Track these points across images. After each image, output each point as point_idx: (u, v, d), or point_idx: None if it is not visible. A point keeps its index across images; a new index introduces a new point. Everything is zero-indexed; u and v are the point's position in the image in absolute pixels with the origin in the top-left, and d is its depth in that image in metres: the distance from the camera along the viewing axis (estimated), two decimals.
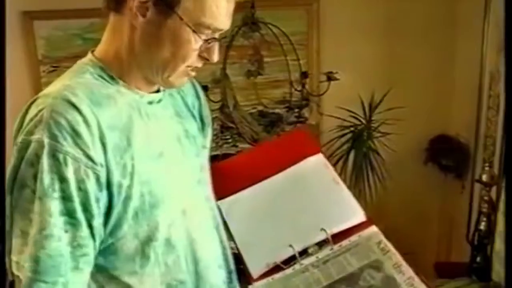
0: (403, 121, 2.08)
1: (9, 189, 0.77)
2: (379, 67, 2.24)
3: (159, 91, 0.93)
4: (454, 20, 2.24)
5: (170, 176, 0.88)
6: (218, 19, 0.82)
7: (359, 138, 2.10)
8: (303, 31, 2.25)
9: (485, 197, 1.87)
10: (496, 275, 1.79)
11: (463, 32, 2.22)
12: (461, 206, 2.28)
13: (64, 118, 0.75)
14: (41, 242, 0.74)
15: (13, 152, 0.78)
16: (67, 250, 0.76)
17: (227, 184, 1.10)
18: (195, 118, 1.02)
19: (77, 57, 0.90)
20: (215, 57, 0.86)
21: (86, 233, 0.78)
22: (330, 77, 1.90)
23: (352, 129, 2.12)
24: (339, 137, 2.10)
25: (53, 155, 0.74)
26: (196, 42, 0.82)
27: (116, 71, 0.86)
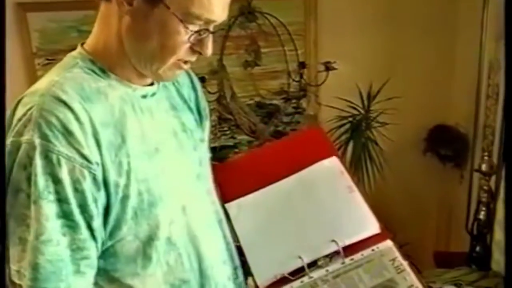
0: (402, 111, 2.07)
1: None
2: (377, 56, 2.22)
3: (153, 83, 0.89)
4: (453, 9, 2.22)
5: (168, 172, 0.85)
6: (209, 9, 0.77)
7: (358, 128, 2.09)
8: (300, 21, 2.23)
9: (484, 187, 1.87)
10: (495, 264, 1.79)
11: (462, 21, 2.20)
12: (460, 196, 2.28)
13: (54, 116, 0.72)
14: (39, 248, 0.72)
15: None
16: (66, 253, 0.73)
17: (234, 185, 1.06)
18: (191, 110, 0.99)
19: (72, 50, 0.87)
20: (208, 51, 0.81)
21: (85, 235, 0.75)
22: (328, 67, 1.89)
23: (350, 119, 2.11)
24: (338, 127, 2.09)
25: (45, 156, 0.71)
26: (185, 33, 0.78)
27: (106, 64, 0.83)
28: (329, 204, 1.03)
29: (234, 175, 1.09)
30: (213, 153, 1.07)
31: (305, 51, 2.23)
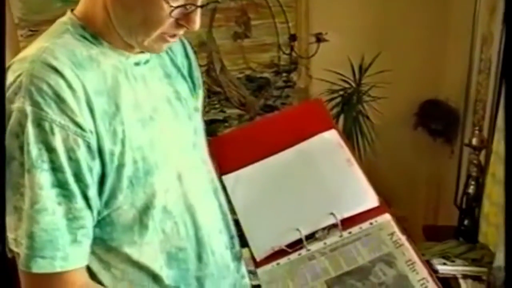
0: (393, 85, 2.05)
1: None
2: (369, 28, 2.18)
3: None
4: None
5: (163, 140, 0.84)
6: None
7: (349, 102, 2.07)
8: None
9: (474, 161, 1.87)
10: (482, 236, 1.81)
11: None
12: (449, 170, 2.28)
13: (45, 83, 0.70)
14: (35, 216, 0.71)
15: None
16: (62, 223, 0.72)
17: (231, 157, 1.04)
18: (185, 79, 0.97)
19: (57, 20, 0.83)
20: (194, 25, 0.77)
21: (81, 205, 0.74)
22: (319, 38, 1.86)
23: (341, 93, 2.09)
24: (329, 101, 2.07)
25: (38, 124, 0.70)
26: (168, 8, 0.74)
27: (98, 31, 0.80)
28: (327, 177, 1.02)
29: (231, 147, 1.07)
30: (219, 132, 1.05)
31: (296, 24, 2.19)
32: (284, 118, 1.19)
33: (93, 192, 0.75)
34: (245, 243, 0.99)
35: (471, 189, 1.87)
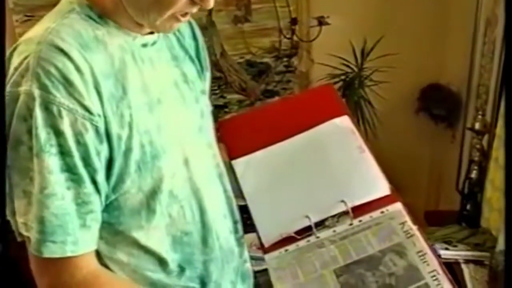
0: (395, 69, 2.03)
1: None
2: (371, 12, 2.15)
3: (153, 32, 0.85)
4: None
5: (170, 124, 0.83)
6: None
7: (350, 86, 2.05)
8: None
9: (477, 146, 1.86)
10: (485, 221, 1.81)
11: None
12: (451, 156, 2.27)
13: (53, 65, 0.69)
14: (44, 201, 0.70)
15: None
16: (72, 207, 0.72)
17: (241, 141, 1.02)
18: (193, 61, 0.95)
19: (53, 6, 0.81)
20: (209, 3, 0.76)
21: (90, 189, 0.74)
22: (321, 22, 1.83)
23: (343, 77, 2.07)
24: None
25: (46, 108, 0.69)
26: None
27: (105, 11, 0.78)
28: (339, 163, 1.00)
29: (241, 131, 1.05)
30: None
31: (297, 7, 2.15)
32: (295, 102, 1.17)
33: (101, 176, 0.75)
34: (249, 229, 0.97)
35: (473, 174, 1.87)
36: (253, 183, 0.99)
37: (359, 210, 0.93)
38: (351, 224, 0.91)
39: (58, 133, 0.70)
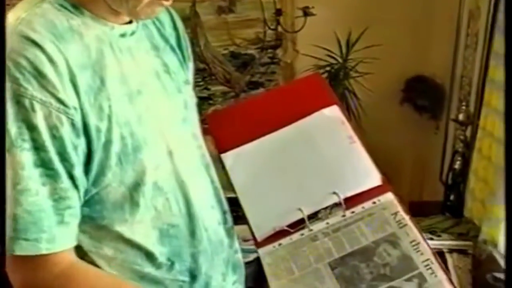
0: (380, 61, 2.03)
1: None
2: (356, 3, 2.14)
3: (131, 22, 0.82)
4: None
5: (151, 115, 0.81)
6: None
7: (335, 78, 2.04)
8: None
9: (460, 136, 1.88)
10: (468, 211, 1.83)
11: None
12: (434, 147, 2.29)
13: (23, 57, 0.66)
14: (17, 198, 0.68)
15: None
16: (48, 204, 0.70)
17: (230, 134, 1.01)
18: (174, 51, 0.93)
19: None
20: None
21: (67, 185, 0.71)
22: (306, 12, 1.82)
23: (328, 68, 2.06)
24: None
25: (17, 101, 0.66)
26: None
27: (79, 0, 0.76)
28: (329, 154, 0.99)
29: (229, 124, 1.03)
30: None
31: None
32: (282, 93, 1.15)
33: (79, 171, 0.73)
34: (238, 221, 0.96)
35: (457, 165, 1.89)
36: (243, 176, 0.98)
37: (351, 201, 0.92)
38: (344, 215, 0.90)
39: (31, 127, 0.67)
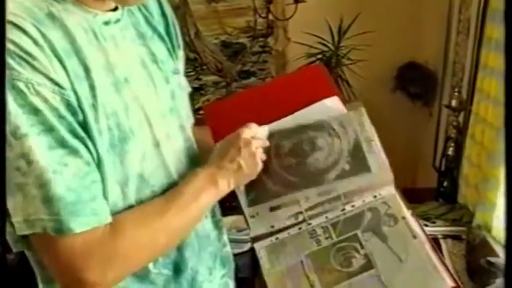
0: (372, 48, 2.01)
1: None
2: None
3: (116, 9, 0.79)
4: None
5: (137, 105, 0.77)
6: None
7: (328, 65, 2.02)
8: None
9: (453, 123, 1.87)
10: (461, 197, 1.83)
11: None
12: (427, 133, 2.29)
13: (9, 41, 0.63)
14: (45, 186, 0.64)
15: None
16: (75, 183, 0.66)
17: (227, 127, 0.95)
18: (163, 39, 0.89)
19: None
20: None
21: (87, 158, 0.68)
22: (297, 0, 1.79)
23: (320, 56, 2.04)
24: (307, 65, 2.02)
25: (13, 86, 0.62)
26: None
27: None
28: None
29: (226, 116, 1.00)
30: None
31: None
32: (282, 84, 1.11)
33: (90, 144, 0.69)
34: (228, 212, 0.94)
35: (450, 151, 1.89)
36: None
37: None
38: (343, 209, 0.88)
39: (34, 111, 0.64)
